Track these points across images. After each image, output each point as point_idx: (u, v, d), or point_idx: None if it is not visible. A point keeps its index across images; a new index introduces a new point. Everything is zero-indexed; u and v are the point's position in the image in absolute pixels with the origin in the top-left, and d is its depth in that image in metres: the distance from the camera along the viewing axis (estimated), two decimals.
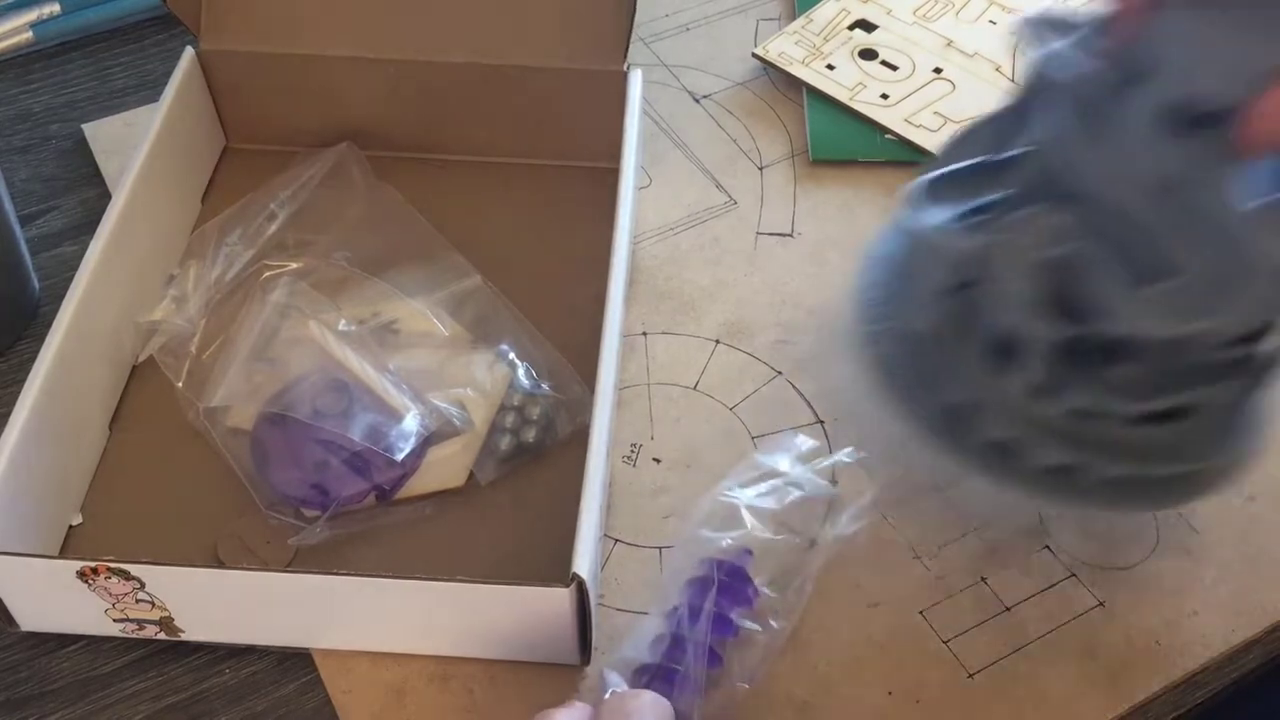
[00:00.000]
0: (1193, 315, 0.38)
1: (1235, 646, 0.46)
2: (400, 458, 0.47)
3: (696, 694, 0.42)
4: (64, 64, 0.68)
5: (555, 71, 0.57)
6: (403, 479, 0.48)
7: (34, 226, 0.60)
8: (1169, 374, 0.41)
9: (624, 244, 0.51)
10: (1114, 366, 0.41)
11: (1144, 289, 0.38)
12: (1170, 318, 0.38)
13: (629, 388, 0.53)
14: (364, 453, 0.47)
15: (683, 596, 0.44)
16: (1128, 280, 0.39)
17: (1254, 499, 0.50)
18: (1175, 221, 0.38)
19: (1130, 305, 0.39)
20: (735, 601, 0.44)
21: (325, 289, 0.53)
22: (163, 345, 0.52)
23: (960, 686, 0.44)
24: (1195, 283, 0.38)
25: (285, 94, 0.59)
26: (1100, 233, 0.39)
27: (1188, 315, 0.38)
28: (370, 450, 0.47)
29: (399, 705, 0.44)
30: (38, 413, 0.45)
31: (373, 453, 0.47)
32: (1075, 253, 0.39)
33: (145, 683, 0.45)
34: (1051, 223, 0.40)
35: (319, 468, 0.47)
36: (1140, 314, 0.38)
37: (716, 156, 0.63)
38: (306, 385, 0.49)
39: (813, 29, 0.68)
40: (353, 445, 0.47)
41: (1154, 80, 0.38)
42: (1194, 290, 0.38)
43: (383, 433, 0.47)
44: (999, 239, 0.40)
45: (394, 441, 0.47)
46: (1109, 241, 0.39)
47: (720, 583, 0.44)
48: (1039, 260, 0.40)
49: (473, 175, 0.61)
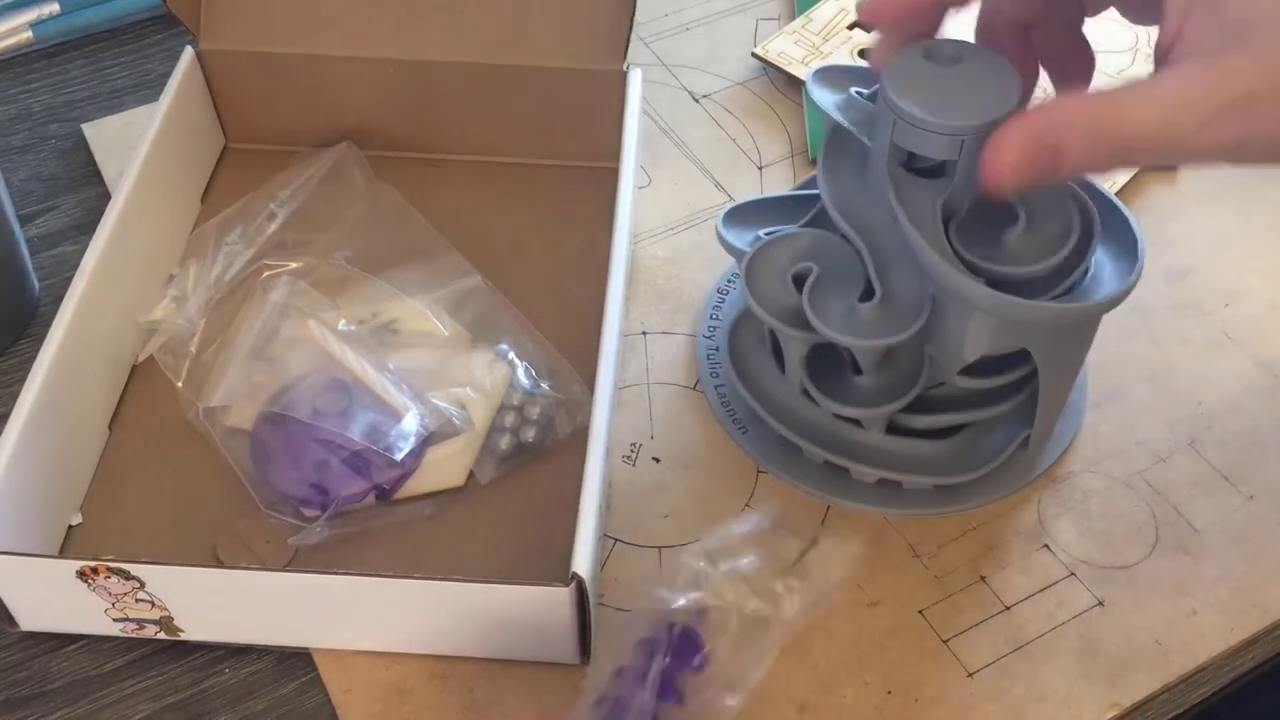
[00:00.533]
0: (881, 333, 0.43)
1: (1235, 646, 0.46)
2: (400, 457, 0.47)
3: None
4: (64, 64, 0.68)
5: (555, 71, 0.57)
6: (402, 479, 0.48)
7: (33, 226, 0.60)
8: (901, 390, 0.46)
9: (624, 244, 0.51)
10: (859, 377, 0.47)
11: (851, 308, 0.44)
12: (862, 334, 0.44)
13: (629, 388, 0.53)
14: (364, 452, 0.47)
15: (631, 658, 0.42)
16: (840, 295, 0.44)
17: (1254, 498, 0.50)
18: (893, 253, 0.44)
19: (835, 319, 0.44)
20: (683, 666, 0.42)
21: (325, 288, 0.53)
22: (162, 344, 0.52)
23: (960, 686, 0.44)
24: (892, 306, 0.44)
25: (285, 94, 0.59)
26: (836, 255, 0.45)
27: (877, 333, 0.43)
28: (370, 450, 0.47)
29: (399, 705, 0.44)
30: (38, 413, 0.45)
31: (372, 452, 0.47)
32: (813, 270, 0.45)
33: (145, 682, 0.45)
34: (799, 242, 0.46)
35: (319, 467, 0.47)
36: (841, 328, 0.44)
37: (716, 156, 0.63)
38: (306, 385, 0.49)
39: (812, 29, 0.68)
40: (352, 445, 0.47)
41: (890, 130, 0.42)
42: (889, 312, 0.44)
43: (382, 432, 0.47)
44: (760, 252, 0.46)
45: (394, 441, 0.47)
46: (843, 264, 0.45)
47: (672, 646, 0.42)
48: (786, 272, 0.46)
49: (473, 175, 0.61)
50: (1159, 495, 0.50)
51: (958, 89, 0.41)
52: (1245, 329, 0.55)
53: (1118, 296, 0.43)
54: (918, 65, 0.42)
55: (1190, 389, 0.53)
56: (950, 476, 0.49)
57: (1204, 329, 0.55)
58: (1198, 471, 0.50)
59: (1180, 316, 0.56)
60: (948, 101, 0.41)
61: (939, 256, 0.42)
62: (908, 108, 0.41)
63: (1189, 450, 0.51)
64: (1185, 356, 0.54)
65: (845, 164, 0.46)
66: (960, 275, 0.41)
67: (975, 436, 0.49)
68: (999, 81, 0.41)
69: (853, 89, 0.46)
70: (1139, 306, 0.56)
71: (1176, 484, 0.50)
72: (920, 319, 0.43)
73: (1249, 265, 0.58)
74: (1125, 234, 0.45)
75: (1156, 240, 0.58)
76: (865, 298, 0.44)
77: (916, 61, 0.42)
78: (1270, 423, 0.52)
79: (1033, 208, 0.43)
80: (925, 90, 0.41)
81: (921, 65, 0.42)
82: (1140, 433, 0.52)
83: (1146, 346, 0.54)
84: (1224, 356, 0.54)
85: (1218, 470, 0.50)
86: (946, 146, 0.41)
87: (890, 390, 0.46)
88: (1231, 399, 0.53)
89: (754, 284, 0.46)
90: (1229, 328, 0.55)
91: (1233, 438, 0.51)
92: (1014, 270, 0.42)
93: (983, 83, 0.41)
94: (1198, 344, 0.55)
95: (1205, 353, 0.54)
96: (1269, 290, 0.57)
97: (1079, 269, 0.43)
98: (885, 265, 0.45)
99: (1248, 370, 0.54)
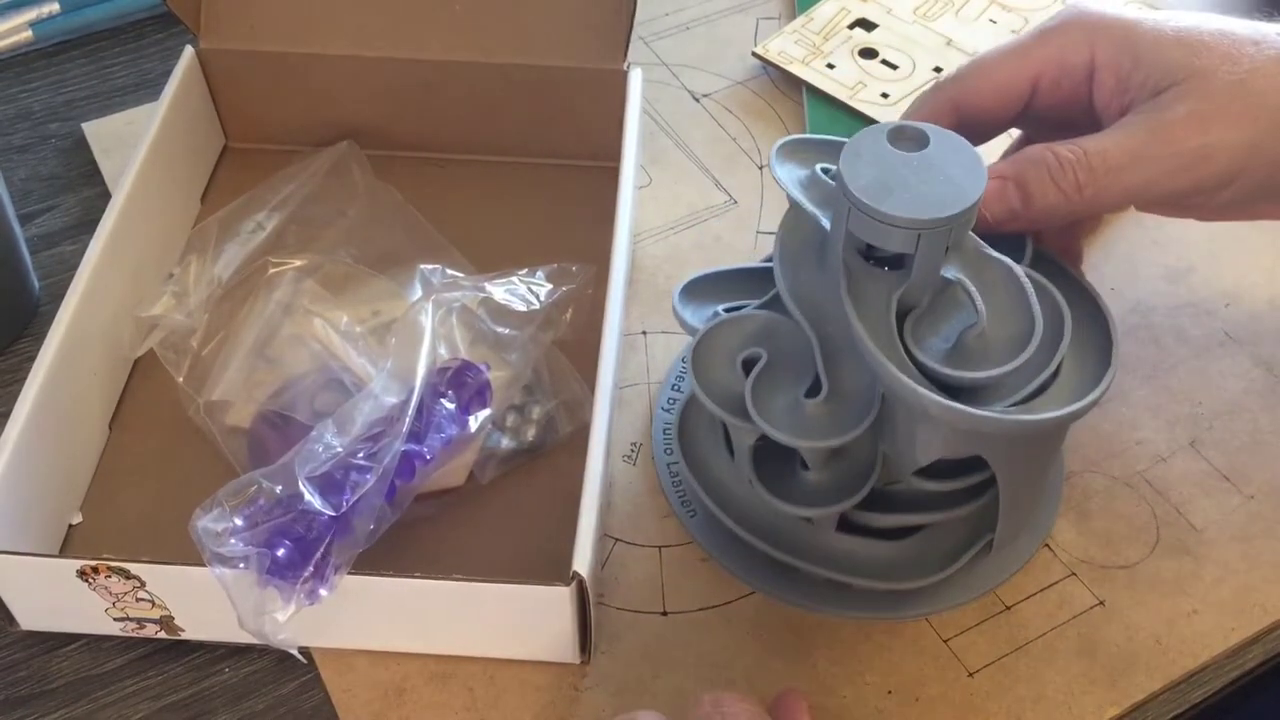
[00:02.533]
0: (825, 433, 0.40)
1: (1235, 646, 0.46)
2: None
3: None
4: (63, 63, 0.68)
5: (555, 70, 0.57)
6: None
7: (33, 225, 0.60)
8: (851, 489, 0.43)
9: (624, 243, 0.51)
10: (807, 472, 0.44)
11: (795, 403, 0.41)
12: (806, 433, 0.41)
13: (629, 387, 0.53)
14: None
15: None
16: (785, 388, 0.41)
17: (1254, 498, 0.50)
18: (844, 345, 0.41)
19: (779, 414, 0.41)
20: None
21: (330, 286, 0.53)
22: (163, 340, 0.52)
23: (960, 686, 0.44)
24: (839, 403, 0.41)
25: (285, 93, 0.59)
26: (788, 341, 0.42)
27: (821, 433, 0.40)
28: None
29: (398, 704, 0.44)
30: (38, 412, 0.45)
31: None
32: (762, 356, 0.42)
33: (145, 682, 0.45)
34: (751, 325, 0.43)
35: None
36: (783, 424, 0.41)
37: (716, 155, 0.63)
38: (305, 384, 0.49)
39: (813, 28, 0.68)
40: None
41: (845, 218, 0.40)
42: (836, 409, 0.41)
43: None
44: (709, 334, 0.43)
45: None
46: (794, 351, 0.42)
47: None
48: (736, 357, 0.43)
49: (473, 175, 0.61)
50: (1159, 495, 0.50)
51: (919, 178, 0.39)
52: (1245, 329, 0.55)
53: (1079, 410, 0.40)
54: (880, 149, 0.40)
55: (1190, 389, 0.53)
56: (905, 581, 0.45)
57: (1204, 329, 0.55)
58: (1198, 471, 0.50)
59: (1180, 316, 0.56)
60: (908, 192, 0.38)
61: (885, 358, 0.39)
62: (864, 198, 0.38)
63: (1189, 450, 0.51)
64: (1185, 356, 0.54)
65: (805, 245, 0.43)
66: (907, 382, 0.39)
67: (934, 538, 0.46)
68: (963, 171, 0.39)
69: (819, 166, 0.44)
70: (1139, 307, 0.56)
71: (1177, 484, 0.50)
72: (867, 419, 0.40)
73: (1249, 265, 0.58)
74: (1101, 332, 0.43)
75: (1157, 240, 0.58)
76: (813, 391, 0.41)
77: (879, 145, 0.40)
78: (1270, 423, 0.52)
79: (996, 304, 0.40)
80: (885, 178, 0.39)
81: (884, 150, 0.40)
82: (1140, 433, 0.52)
83: (1146, 346, 0.54)
84: (1224, 356, 0.54)
85: (1218, 470, 0.50)
86: (903, 240, 0.39)
87: (839, 488, 0.43)
88: (1231, 399, 0.53)
89: (701, 369, 0.43)
90: (1229, 328, 0.55)
91: (1233, 438, 0.51)
92: (968, 375, 0.39)
93: (946, 172, 0.39)
94: (1198, 344, 0.55)
95: (1205, 353, 0.54)
96: (1269, 290, 0.57)
97: (1046, 371, 0.40)
98: (835, 358, 0.42)
99: (1248, 370, 0.54)
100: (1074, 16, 0.46)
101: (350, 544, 0.42)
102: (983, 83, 0.47)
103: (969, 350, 0.40)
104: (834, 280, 0.41)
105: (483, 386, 0.47)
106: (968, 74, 0.47)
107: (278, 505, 0.41)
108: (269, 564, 0.40)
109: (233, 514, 0.41)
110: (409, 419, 0.43)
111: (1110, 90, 0.45)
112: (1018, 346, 0.40)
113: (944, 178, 0.39)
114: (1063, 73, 0.46)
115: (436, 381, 0.46)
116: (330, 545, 0.41)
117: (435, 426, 0.45)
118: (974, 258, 0.41)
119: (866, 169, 0.39)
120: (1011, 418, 0.39)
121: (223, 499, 0.41)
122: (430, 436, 0.45)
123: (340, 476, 0.42)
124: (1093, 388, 0.41)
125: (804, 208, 0.42)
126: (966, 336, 0.40)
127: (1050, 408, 0.40)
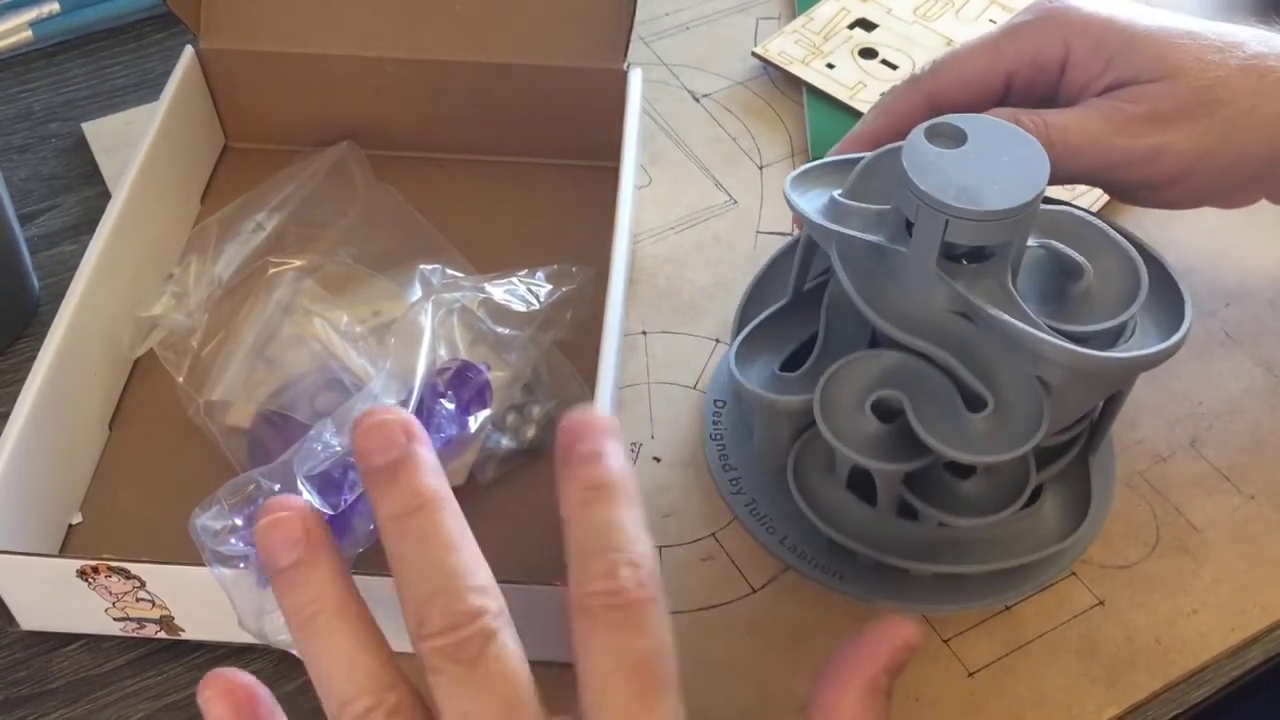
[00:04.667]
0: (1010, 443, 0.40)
1: (1235, 645, 0.46)
2: None
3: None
4: (63, 63, 0.68)
5: (555, 70, 0.57)
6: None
7: (33, 226, 0.60)
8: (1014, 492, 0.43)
9: (624, 244, 0.51)
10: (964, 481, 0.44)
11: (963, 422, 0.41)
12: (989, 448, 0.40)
13: (629, 387, 0.53)
14: None
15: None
16: (946, 414, 0.41)
17: (1254, 498, 0.50)
18: (972, 351, 0.41)
19: (952, 439, 0.40)
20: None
21: (330, 286, 0.53)
22: (163, 340, 0.52)
23: (960, 685, 0.44)
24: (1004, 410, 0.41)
25: (285, 93, 0.59)
26: (910, 371, 0.42)
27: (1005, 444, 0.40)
28: None
29: None
30: (37, 412, 0.45)
31: None
32: (892, 395, 0.41)
33: (145, 682, 0.45)
34: (869, 368, 0.42)
35: None
36: (963, 446, 0.40)
37: (716, 156, 0.63)
38: (305, 384, 0.49)
39: (813, 28, 0.68)
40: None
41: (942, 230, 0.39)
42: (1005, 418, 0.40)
43: None
44: (825, 391, 0.42)
45: None
46: (920, 379, 0.42)
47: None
48: (864, 403, 0.42)
49: (473, 175, 0.61)
50: (1159, 495, 0.50)
51: (988, 167, 0.39)
52: (1245, 329, 0.55)
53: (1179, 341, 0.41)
54: (933, 155, 0.40)
55: (1190, 389, 0.53)
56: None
57: (1204, 329, 0.55)
58: (1198, 471, 0.50)
59: None
60: (991, 184, 0.39)
61: (1057, 340, 0.39)
62: (960, 204, 0.38)
63: (1189, 450, 0.51)
64: (1185, 356, 0.54)
65: (869, 275, 0.42)
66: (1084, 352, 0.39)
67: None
68: (1015, 146, 0.40)
69: (835, 193, 0.43)
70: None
71: (1177, 484, 0.50)
72: (1045, 416, 0.40)
73: (1249, 265, 0.58)
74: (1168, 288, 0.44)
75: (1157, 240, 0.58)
76: (974, 406, 0.41)
77: (928, 153, 0.40)
78: (1270, 423, 0.52)
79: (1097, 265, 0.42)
80: (960, 180, 0.39)
81: (935, 154, 0.40)
82: (1140, 432, 0.52)
83: None
84: (1224, 356, 0.54)
85: (1218, 470, 0.50)
86: (1009, 229, 0.39)
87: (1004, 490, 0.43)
88: (1231, 399, 0.53)
89: (831, 421, 0.42)
90: (1229, 328, 0.55)
91: (1233, 438, 0.51)
92: (1099, 327, 0.41)
93: (1003, 153, 0.39)
94: (1198, 344, 0.55)
95: (1205, 353, 0.54)
96: (1269, 290, 0.57)
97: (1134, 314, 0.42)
98: (981, 366, 0.41)
99: (1248, 370, 0.54)
100: (1048, 12, 0.47)
101: (350, 544, 0.42)
102: (956, 77, 0.48)
103: (1075, 305, 0.41)
104: (927, 295, 0.41)
105: (482, 387, 0.47)
106: (942, 68, 0.48)
107: None
108: None
109: (232, 513, 0.41)
110: None
111: (1078, 89, 0.47)
112: (1124, 295, 0.41)
113: (1006, 159, 0.40)
114: (1036, 71, 0.47)
115: (436, 382, 0.46)
116: None
117: (435, 427, 0.45)
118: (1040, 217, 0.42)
119: (941, 177, 0.39)
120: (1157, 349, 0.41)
121: (222, 497, 0.41)
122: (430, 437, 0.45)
123: (338, 475, 0.42)
124: (1166, 333, 0.42)
125: (860, 238, 0.42)
126: (1073, 292, 0.41)
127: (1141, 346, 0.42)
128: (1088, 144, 0.45)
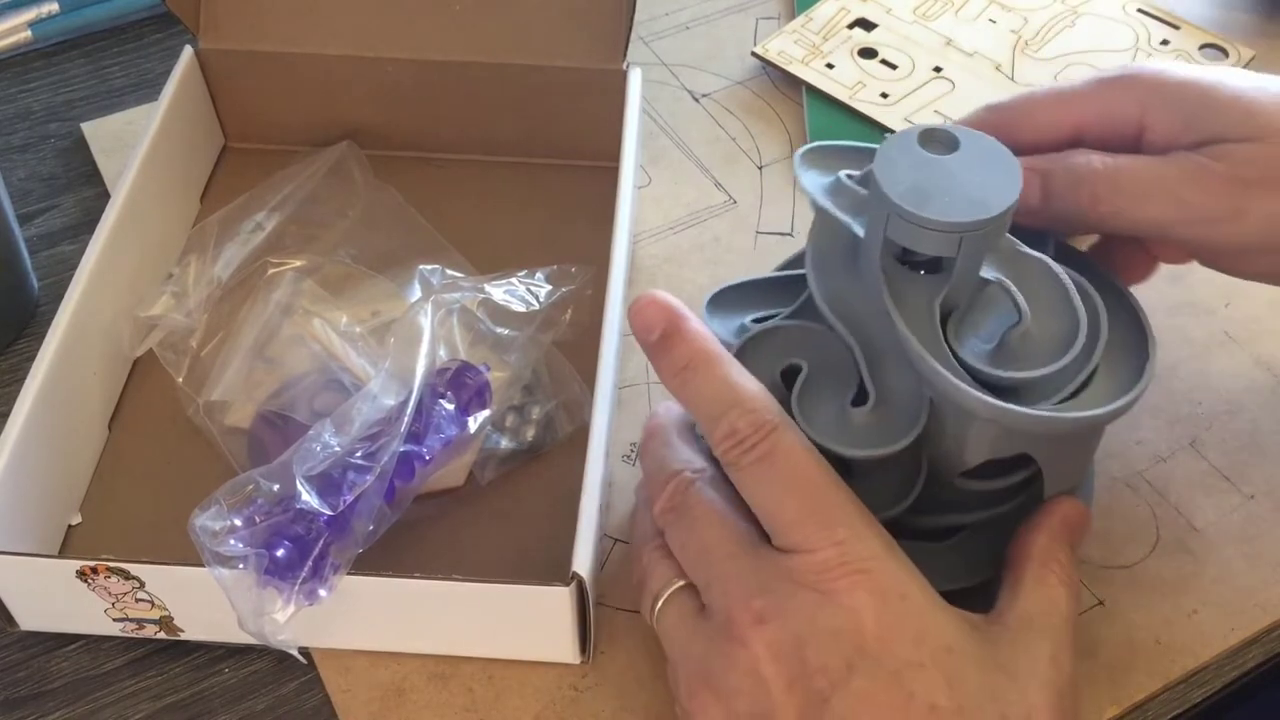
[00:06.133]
0: (876, 442, 0.40)
1: (1235, 646, 0.46)
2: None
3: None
4: (63, 63, 0.68)
5: (555, 70, 0.57)
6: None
7: (33, 226, 0.60)
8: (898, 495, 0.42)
9: (624, 244, 0.51)
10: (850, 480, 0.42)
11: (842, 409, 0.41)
12: (857, 443, 0.40)
13: (629, 387, 0.53)
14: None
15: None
16: (838, 400, 0.41)
17: (1254, 498, 0.50)
18: (887, 351, 0.41)
19: (827, 424, 0.40)
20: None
21: (329, 286, 0.53)
22: (163, 340, 0.52)
23: None
24: (887, 411, 0.40)
25: (285, 94, 0.59)
26: (827, 350, 0.42)
27: (871, 442, 0.40)
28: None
29: (398, 704, 0.44)
30: (37, 412, 0.45)
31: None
32: (804, 368, 0.42)
33: (145, 682, 0.45)
34: (788, 336, 0.43)
35: None
36: (834, 435, 0.40)
37: (716, 155, 0.63)
38: (305, 384, 0.49)
39: (812, 28, 0.68)
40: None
41: (884, 225, 0.39)
42: (884, 417, 0.40)
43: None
44: (746, 348, 0.43)
45: None
46: (834, 360, 0.42)
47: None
48: (776, 369, 0.42)
49: (473, 175, 0.61)
50: (1159, 495, 0.50)
51: (956, 181, 0.38)
52: (1245, 329, 0.55)
53: (1127, 404, 0.40)
54: (912, 154, 0.39)
55: (1190, 389, 0.53)
56: (947, 583, 0.43)
57: (1204, 329, 0.55)
58: (1198, 471, 0.50)
59: (1180, 316, 0.56)
60: (946, 195, 0.38)
61: (937, 364, 0.38)
62: (903, 204, 0.38)
63: (1189, 450, 0.51)
64: (1185, 356, 0.54)
65: (835, 253, 0.42)
66: (960, 385, 0.38)
67: (976, 538, 0.44)
68: (999, 171, 0.39)
69: (843, 173, 0.43)
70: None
71: (1177, 484, 0.50)
72: (918, 425, 0.39)
73: None
74: (1132, 325, 0.42)
75: None
76: (858, 399, 0.41)
77: (911, 149, 0.39)
78: (1270, 423, 0.52)
79: (1037, 302, 0.40)
80: (921, 183, 0.38)
81: (916, 154, 0.39)
82: (1140, 432, 0.52)
83: None
84: (1224, 356, 0.54)
85: (1218, 470, 0.50)
86: (945, 243, 0.38)
87: (886, 495, 0.42)
88: (1231, 399, 0.53)
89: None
90: (1229, 328, 0.55)
91: (1233, 438, 0.51)
92: (1017, 375, 0.39)
93: (981, 173, 0.38)
94: (1198, 344, 0.55)
95: (1205, 353, 0.54)
96: (1269, 290, 0.57)
97: (1088, 368, 0.40)
98: (879, 364, 0.41)
99: (1248, 370, 0.54)
100: (1131, 72, 0.45)
101: (350, 544, 0.42)
102: (1024, 120, 0.46)
103: (1013, 350, 0.40)
104: (873, 286, 0.40)
105: (482, 387, 0.47)
106: (1012, 108, 0.46)
107: (276, 505, 0.41)
108: (267, 564, 0.40)
109: (231, 513, 0.41)
110: (407, 419, 0.43)
111: (1159, 151, 0.44)
112: (1061, 344, 0.39)
113: (980, 179, 0.38)
114: (1109, 128, 0.45)
115: (436, 382, 0.46)
116: (328, 545, 0.41)
117: (435, 427, 0.45)
118: (1010, 256, 0.41)
119: (902, 174, 0.39)
120: (1066, 415, 0.39)
121: (221, 498, 0.41)
122: (429, 437, 0.45)
123: (338, 476, 0.42)
124: (1130, 381, 0.40)
125: (834, 215, 0.42)
126: (1010, 336, 0.40)
127: (1093, 404, 0.40)
128: (1157, 192, 0.42)
